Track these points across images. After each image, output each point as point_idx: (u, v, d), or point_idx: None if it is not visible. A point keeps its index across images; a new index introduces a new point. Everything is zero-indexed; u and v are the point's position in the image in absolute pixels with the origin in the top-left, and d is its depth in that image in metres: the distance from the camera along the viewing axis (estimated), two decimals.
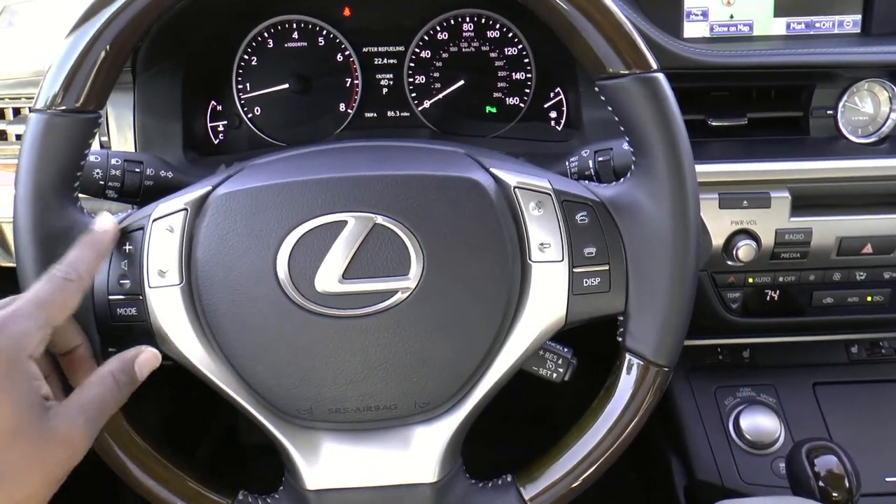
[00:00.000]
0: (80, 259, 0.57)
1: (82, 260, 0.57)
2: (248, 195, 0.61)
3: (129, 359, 0.59)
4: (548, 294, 0.62)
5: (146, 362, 0.60)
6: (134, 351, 0.60)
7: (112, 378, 0.57)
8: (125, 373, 0.58)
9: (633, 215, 0.62)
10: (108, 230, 0.60)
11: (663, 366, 0.63)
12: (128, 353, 0.59)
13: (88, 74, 0.59)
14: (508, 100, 1.01)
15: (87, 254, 0.58)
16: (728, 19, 0.96)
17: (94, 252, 0.59)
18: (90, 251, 0.58)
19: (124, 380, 0.58)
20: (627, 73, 0.60)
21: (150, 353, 0.60)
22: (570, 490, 0.64)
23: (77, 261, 0.57)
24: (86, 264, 0.57)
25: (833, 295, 0.93)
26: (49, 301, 0.54)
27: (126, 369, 0.58)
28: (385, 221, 0.60)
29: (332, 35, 0.99)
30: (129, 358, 0.59)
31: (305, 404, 0.61)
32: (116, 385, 0.57)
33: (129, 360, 0.59)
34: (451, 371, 0.61)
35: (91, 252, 0.58)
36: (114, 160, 0.74)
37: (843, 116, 0.93)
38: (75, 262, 0.57)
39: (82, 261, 0.57)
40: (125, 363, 0.58)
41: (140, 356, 0.59)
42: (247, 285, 0.60)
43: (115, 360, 0.58)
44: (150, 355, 0.60)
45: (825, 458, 0.81)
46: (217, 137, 1.01)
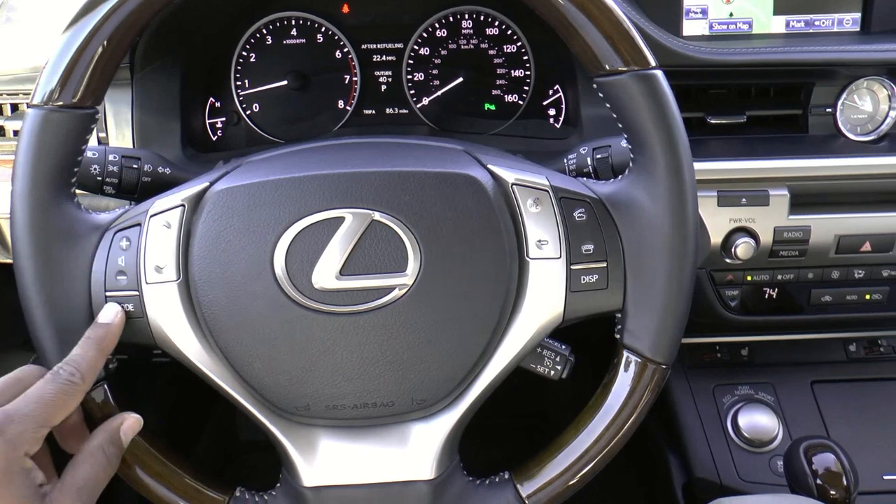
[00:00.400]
0: (84, 359, 0.58)
1: (86, 360, 0.58)
2: (246, 191, 0.60)
3: (115, 429, 0.60)
4: (545, 291, 0.62)
5: (130, 429, 0.61)
6: (117, 420, 0.61)
7: (102, 452, 0.59)
8: (113, 444, 0.60)
9: (631, 212, 0.62)
10: (113, 324, 0.61)
11: (661, 363, 0.63)
12: (112, 423, 0.61)
13: (86, 70, 0.59)
14: (507, 97, 1.01)
15: (91, 353, 0.59)
16: (727, 17, 0.96)
17: (98, 350, 0.59)
18: (93, 350, 0.59)
19: (113, 451, 0.59)
20: (626, 70, 0.60)
21: (133, 419, 0.62)
22: (567, 487, 0.64)
23: (81, 361, 0.58)
24: (89, 364, 0.58)
25: (831, 293, 0.93)
26: (50, 402, 0.55)
27: (114, 440, 0.60)
28: (382, 218, 0.59)
29: (331, 32, 0.99)
30: (114, 428, 0.60)
31: (302, 401, 0.61)
32: (106, 458, 0.59)
33: (115, 430, 0.60)
34: (448, 368, 0.61)
35: (94, 351, 0.59)
36: (111, 156, 0.73)
37: (842, 114, 0.93)
38: (79, 363, 0.58)
39: (86, 361, 0.58)
40: (112, 434, 0.60)
41: (125, 423, 0.61)
42: (244, 281, 0.59)
43: (101, 433, 0.60)
44: (133, 421, 0.61)
45: (823, 456, 0.81)
46: (215, 134, 1.01)
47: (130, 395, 0.63)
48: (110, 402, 0.63)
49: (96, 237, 0.62)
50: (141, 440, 0.64)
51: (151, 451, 0.64)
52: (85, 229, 0.62)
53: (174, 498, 0.64)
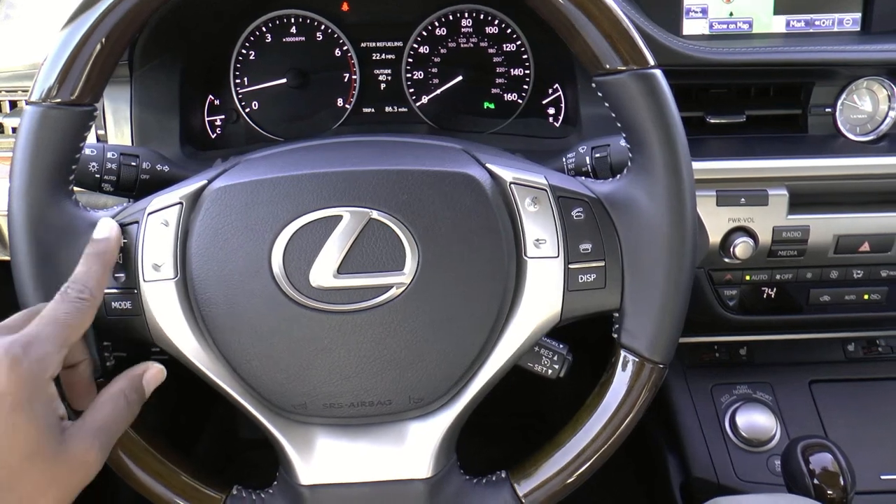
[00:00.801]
0: (89, 275, 0.58)
1: (91, 275, 0.58)
2: (244, 189, 0.60)
3: (138, 376, 0.60)
4: (543, 290, 0.62)
5: (153, 378, 0.61)
6: (142, 367, 0.61)
7: (123, 397, 0.58)
8: (135, 390, 0.59)
9: (630, 212, 0.62)
10: (110, 237, 0.60)
11: (658, 363, 0.63)
12: (136, 369, 0.60)
13: (84, 67, 0.59)
14: (506, 96, 1.01)
15: (95, 268, 0.58)
16: (728, 17, 0.96)
17: (101, 264, 0.59)
18: (97, 265, 0.59)
19: (134, 398, 0.59)
20: (625, 70, 0.59)
21: (157, 370, 0.61)
22: (564, 486, 0.64)
23: (87, 277, 0.57)
24: (95, 279, 0.58)
25: (830, 293, 0.93)
26: (66, 322, 0.55)
27: (136, 387, 0.59)
28: (380, 216, 0.59)
29: (331, 30, 0.99)
30: (137, 375, 0.60)
31: (300, 399, 0.61)
32: (127, 404, 0.58)
33: (138, 377, 0.60)
34: (445, 366, 0.61)
35: (98, 265, 0.59)
36: (110, 154, 0.73)
37: (841, 114, 0.92)
38: (85, 279, 0.57)
39: (91, 276, 0.58)
40: (134, 380, 0.59)
41: (147, 372, 0.60)
42: (241, 279, 0.59)
43: (124, 379, 0.59)
44: (156, 371, 0.61)
45: (820, 455, 0.82)
46: (214, 132, 1.01)
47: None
48: None
49: None
50: (139, 438, 0.64)
51: (149, 448, 0.64)
52: (83, 226, 0.62)
53: (172, 496, 0.64)
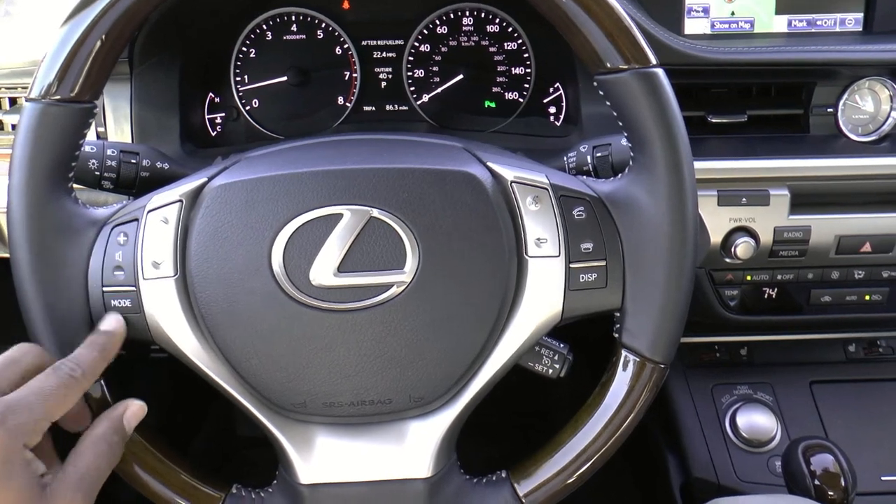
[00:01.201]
0: (86, 359, 0.58)
1: (88, 360, 0.58)
2: (244, 187, 0.60)
3: (118, 417, 0.60)
4: (544, 289, 0.62)
5: (134, 416, 0.61)
6: (121, 407, 0.60)
7: (104, 442, 0.58)
8: (116, 433, 0.59)
9: (631, 211, 0.62)
10: (115, 332, 0.60)
11: (659, 363, 0.63)
12: (115, 410, 0.60)
13: (84, 64, 0.59)
14: (507, 94, 1.01)
15: (94, 355, 0.59)
16: (729, 16, 0.96)
17: (101, 355, 0.59)
18: (97, 353, 0.59)
19: (116, 440, 0.59)
20: (626, 68, 0.59)
21: (137, 406, 0.61)
22: (564, 486, 0.64)
23: (83, 360, 0.58)
24: (90, 365, 0.58)
25: (831, 293, 0.93)
26: (51, 395, 0.55)
27: (117, 429, 0.59)
28: (381, 215, 0.59)
29: (331, 28, 0.99)
30: (117, 416, 0.60)
31: (299, 398, 0.61)
32: (109, 448, 0.58)
33: (118, 418, 0.60)
34: (446, 365, 0.61)
35: (98, 354, 0.59)
36: (110, 151, 0.73)
37: (843, 114, 0.92)
38: (80, 360, 0.58)
39: (87, 360, 0.58)
40: (115, 422, 0.59)
41: (128, 411, 0.60)
42: (241, 278, 0.59)
43: (105, 422, 0.59)
44: (137, 408, 0.61)
45: (821, 456, 0.81)
46: (214, 129, 1.00)
47: (127, 392, 0.63)
48: (107, 399, 0.62)
49: (93, 232, 0.62)
50: (138, 437, 0.63)
51: (148, 447, 0.64)
52: (82, 224, 0.62)
53: (171, 495, 0.64)
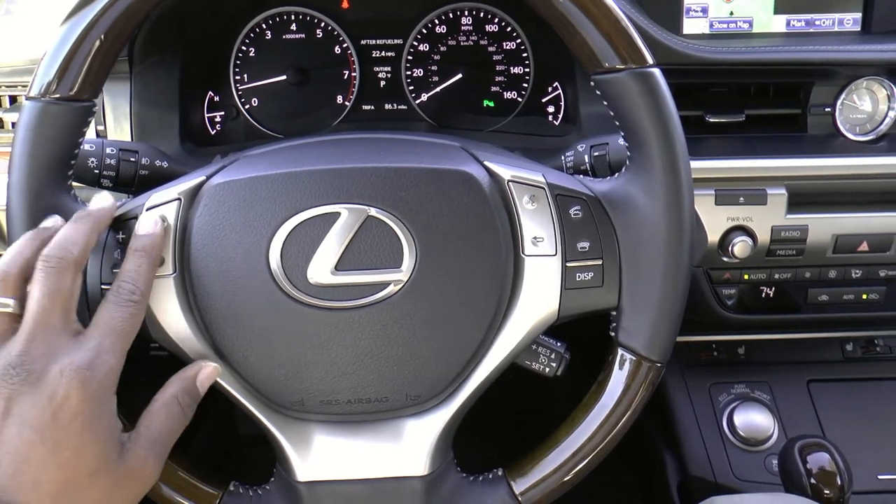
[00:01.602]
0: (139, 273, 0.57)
1: (141, 274, 0.57)
2: (242, 185, 0.60)
3: (191, 377, 0.59)
4: (540, 288, 0.62)
5: (207, 378, 0.59)
6: (194, 368, 0.59)
7: (176, 403, 0.57)
8: (189, 394, 0.58)
9: (628, 210, 0.62)
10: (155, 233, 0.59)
11: (656, 361, 0.63)
12: (188, 371, 0.59)
13: (83, 63, 0.59)
14: (506, 94, 1.01)
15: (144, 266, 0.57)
16: (728, 16, 0.96)
17: (149, 262, 0.58)
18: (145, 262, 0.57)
19: (187, 401, 0.58)
20: (623, 68, 0.59)
21: (211, 368, 0.60)
22: (561, 484, 0.64)
23: (136, 276, 0.56)
24: (144, 279, 0.57)
25: (828, 292, 0.93)
26: (124, 331, 0.54)
27: (189, 390, 0.58)
28: (378, 213, 0.59)
29: (331, 27, 0.99)
30: (190, 376, 0.59)
31: (297, 396, 0.61)
32: (180, 409, 0.57)
33: (191, 378, 0.59)
34: (442, 364, 0.61)
35: (146, 263, 0.57)
36: (109, 149, 0.73)
37: (841, 114, 0.92)
38: (135, 279, 0.56)
39: (141, 276, 0.57)
40: (187, 383, 0.58)
41: (201, 373, 0.59)
42: (239, 276, 0.59)
43: (177, 382, 0.58)
44: (211, 370, 0.60)
45: (818, 455, 0.82)
46: (214, 128, 1.01)
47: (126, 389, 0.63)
48: None
49: None
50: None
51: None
52: None
53: (168, 492, 0.64)
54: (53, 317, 0.53)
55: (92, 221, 0.58)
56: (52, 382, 0.50)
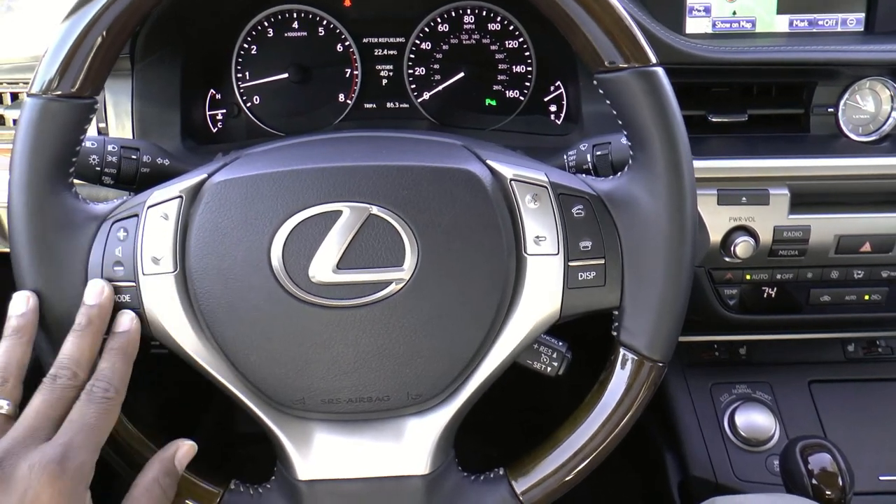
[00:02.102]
0: (113, 371, 0.57)
1: (116, 372, 0.57)
2: (244, 183, 0.60)
3: (169, 459, 0.59)
4: (542, 287, 0.62)
5: (185, 456, 0.60)
6: (172, 448, 0.60)
7: (158, 486, 0.57)
8: (168, 475, 0.58)
9: (630, 209, 0.62)
10: (131, 330, 0.60)
11: (658, 361, 0.63)
12: (166, 452, 0.59)
13: (85, 60, 0.59)
14: (508, 93, 1.01)
15: (119, 364, 0.58)
16: (731, 16, 0.96)
17: (124, 359, 0.58)
18: (120, 360, 0.58)
19: (168, 482, 0.58)
20: (626, 67, 0.59)
21: (188, 447, 0.60)
22: (562, 484, 0.64)
23: (111, 374, 0.57)
24: (119, 377, 0.57)
25: (830, 293, 0.93)
26: (96, 425, 0.54)
27: (169, 471, 0.58)
28: (380, 212, 0.59)
29: (333, 25, 0.99)
30: (168, 458, 0.59)
31: (298, 394, 0.61)
32: (162, 491, 0.57)
33: (169, 459, 0.59)
34: (444, 363, 0.61)
35: (121, 361, 0.58)
36: (110, 146, 0.73)
37: (844, 114, 0.92)
38: (110, 377, 0.56)
39: (116, 373, 0.57)
40: (166, 464, 0.58)
41: (178, 452, 0.60)
42: (241, 274, 0.59)
43: (156, 464, 0.58)
44: (187, 449, 0.60)
45: (819, 455, 0.81)
46: (216, 126, 1.00)
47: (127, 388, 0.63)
48: None
49: (93, 227, 0.62)
50: (136, 431, 0.64)
51: (146, 442, 0.64)
52: (82, 219, 0.62)
53: None
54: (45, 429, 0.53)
55: (93, 332, 0.58)
56: (22, 480, 0.49)
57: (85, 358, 0.57)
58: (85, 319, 0.59)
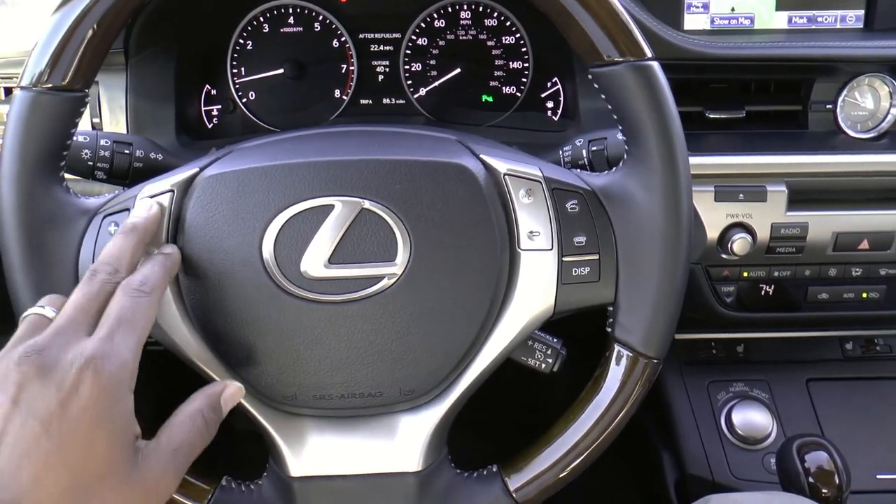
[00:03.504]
0: (151, 272, 0.55)
1: (153, 273, 0.55)
2: (236, 177, 0.60)
3: (216, 394, 0.56)
4: (536, 283, 0.61)
5: (231, 397, 0.57)
6: (220, 385, 0.57)
7: (201, 416, 0.54)
8: (213, 410, 0.55)
9: (625, 205, 0.62)
10: (173, 254, 0.58)
11: (652, 357, 0.62)
12: (214, 388, 0.57)
13: (75, 53, 0.59)
14: (505, 89, 1.00)
15: (158, 269, 0.56)
16: (729, 12, 0.95)
17: (164, 270, 0.57)
18: (160, 267, 0.56)
19: (212, 417, 0.55)
20: (621, 61, 0.59)
21: (236, 388, 0.58)
22: (556, 481, 0.64)
23: (149, 273, 0.55)
24: (157, 277, 0.55)
25: (828, 291, 0.93)
26: (134, 322, 0.51)
27: (214, 406, 0.56)
28: (372, 206, 0.59)
29: (329, 21, 0.98)
30: (215, 393, 0.56)
31: (289, 390, 0.61)
32: (205, 423, 0.54)
33: (216, 395, 0.56)
34: (437, 359, 0.61)
35: (161, 269, 0.56)
36: (103, 141, 0.73)
37: (842, 111, 0.92)
38: (147, 274, 0.55)
39: (153, 273, 0.55)
40: (212, 399, 0.56)
41: (226, 391, 0.57)
42: (232, 268, 0.59)
43: (202, 397, 0.56)
44: (235, 389, 0.57)
45: (816, 454, 0.81)
46: (211, 122, 1.00)
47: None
48: None
49: (84, 222, 0.61)
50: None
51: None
52: (73, 213, 0.61)
53: None
54: (85, 322, 0.51)
55: (137, 237, 0.57)
56: (61, 371, 0.47)
57: (126, 257, 0.55)
58: (130, 225, 0.57)
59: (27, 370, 0.47)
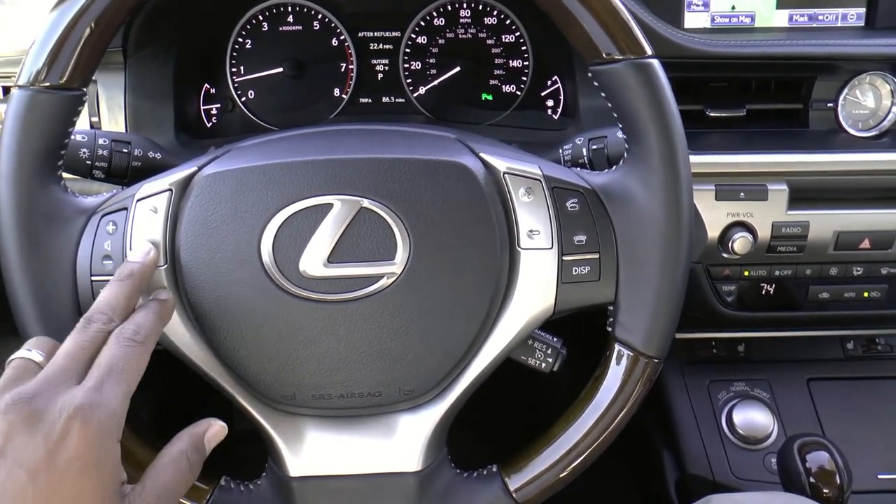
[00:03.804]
0: (145, 320, 0.55)
1: (147, 321, 0.55)
2: (234, 176, 0.60)
3: (199, 434, 0.56)
4: (536, 282, 0.61)
5: (215, 436, 0.57)
6: (203, 425, 0.57)
7: (185, 458, 0.54)
8: (196, 450, 0.56)
9: (625, 203, 0.61)
10: (168, 300, 0.58)
11: (653, 357, 0.62)
12: (197, 427, 0.57)
13: (73, 51, 0.58)
14: (505, 87, 1.00)
15: (152, 318, 0.56)
16: (729, 10, 0.95)
17: (158, 318, 0.56)
18: (154, 315, 0.56)
19: (196, 458, 0.55)
20: (621, 59, 0.59)
21: (219, 427, 0.58)
22: (556, 480, 0.64)
23: (142, 321, 0.55)
24: (150, 326, 0.55)
25: (829, 290, 0.92)
26: (126, 371, 0.51)
27: (197, 446, 0.56)
28: (371, 205, 0.59)
29: (328, 19, 0.98)
30: (198, 433, 0.56)
31: (289, 390, 0.61)
32: (189, 466, 0.54)
33: (199, 435, 0.56)
34: (436, 358, 0.60)
35: (155, 316, 0.56)
36: (101, 140, 0.73)
37: (843, 109, 0.91)
38: (141, 323, 0.54)
39: (147, 322, 0.55)
40: (196, 440, 0.56)
41: (209, 430, 0.57)
42: (230, 268, 0.59)
43: (186, 437, 0.56)
44: (218, 429, 0.57)
45: (817, 454, 0.81)
46: (210, 120, 1.00)
47: None
48: None
49: (82, 221, 0.61)
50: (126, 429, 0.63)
51: (135, 438, 0.63)
52: (71, 213, 0.61)
53: None
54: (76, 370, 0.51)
55: (133, 284, 0.57)
56: (49, 421, 0.47)
57: (121, 305, 0.55)
58: (127, 271, 0.57)
59: (14, 419, 0.47)
